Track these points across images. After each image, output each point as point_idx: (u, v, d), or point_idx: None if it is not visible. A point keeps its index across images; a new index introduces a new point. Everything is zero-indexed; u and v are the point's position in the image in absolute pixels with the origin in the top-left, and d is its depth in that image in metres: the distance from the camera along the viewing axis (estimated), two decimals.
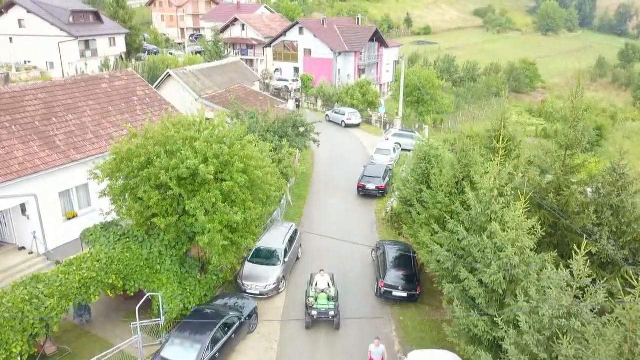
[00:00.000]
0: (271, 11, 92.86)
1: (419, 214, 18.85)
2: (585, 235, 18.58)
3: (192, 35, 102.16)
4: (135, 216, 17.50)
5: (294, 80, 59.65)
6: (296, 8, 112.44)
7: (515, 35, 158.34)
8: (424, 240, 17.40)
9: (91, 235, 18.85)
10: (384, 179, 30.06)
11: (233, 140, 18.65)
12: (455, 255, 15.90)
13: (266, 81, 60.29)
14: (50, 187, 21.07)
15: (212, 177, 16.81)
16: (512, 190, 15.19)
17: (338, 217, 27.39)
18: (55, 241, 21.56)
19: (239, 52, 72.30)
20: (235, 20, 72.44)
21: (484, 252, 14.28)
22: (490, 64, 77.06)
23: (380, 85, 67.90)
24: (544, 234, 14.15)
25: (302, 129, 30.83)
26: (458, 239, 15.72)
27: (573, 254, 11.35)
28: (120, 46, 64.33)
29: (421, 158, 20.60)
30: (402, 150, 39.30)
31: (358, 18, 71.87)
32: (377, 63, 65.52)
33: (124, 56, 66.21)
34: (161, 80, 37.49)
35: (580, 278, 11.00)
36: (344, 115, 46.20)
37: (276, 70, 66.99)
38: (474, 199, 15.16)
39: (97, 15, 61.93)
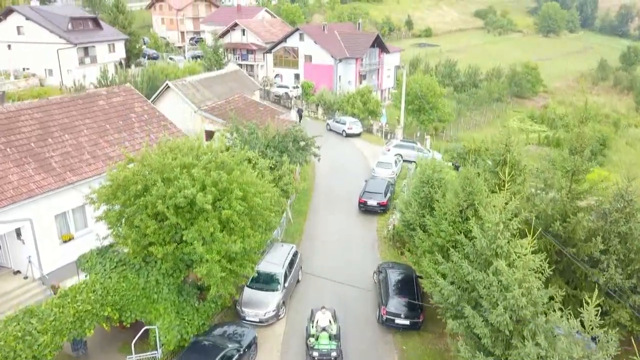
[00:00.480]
0: (272, 15, 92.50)
1: (422, 240, 18.43)
2: (591, 264, 18.28)
3: (192, 39, 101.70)
4: (131, 245, 17.11)
5: (294, 87, 59.24)
6: (297, 10, 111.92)
7: (516, 36, 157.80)
8: (427, 271, 16.98)
9: (87, 262, 18.46)
10: (385, 194, 29.64)
11: (232, 166, 18.26)
12: (459, 288, 15.50)
13: (266, 88, 59.91)
14: (45, 210, 20.67)
15: (209, 206, 16.41)
16: (518, 223, 14.74)
17: (339, 235, 26.99)
18: (52, 265, 21.18)
19: (239, 57, 71.92)
20: (235, 25, 72.05)
21: (489, 289, 13.88)
22: (491, 68, 76.57)
23: (381, 90, 67.50)
24: (551, 272, 13.70)
25: (302, 143, 30.41)
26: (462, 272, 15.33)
27: (584, 303, 10.93)
28: (120, 52, 63.95)
29: (424, 181, 20.17)
30: (404, 161, 38.93)
31: (359, 23, 71.41)
32: (378, 69, 65.09)
33: (123, 62, 65.90)
34: (160, 92, 37.09)
35: (592, 329, 10.60)
36: (344, 124, 45.78)
37: (276, 75, 66.58)
38: (479, 232, 14.74)
39: (96, 22, 61.54)
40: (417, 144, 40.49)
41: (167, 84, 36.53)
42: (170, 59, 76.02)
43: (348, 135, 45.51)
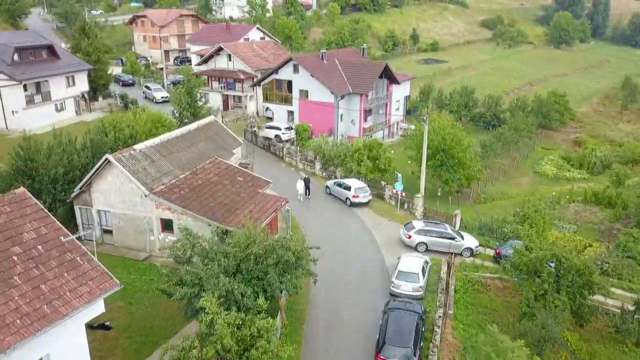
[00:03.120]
0: (264, 33, 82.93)
1: None
2: None
3: (176, 58, 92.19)
4: None
5: (287, 128, 49.41)
6: (293, 25, 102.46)
7: (527, 48, 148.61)
8: None
9: None
10: (415, 346, 19.73)
11: None
12: None
13: (253, 129, 50.13)
14: None
15: None
16: None
17: None
18: None
19: (224, 87, 62.32)
20: (220, 49, 62.33)
21: None
22: (515, 98, 66.90)
23: (389, 125, 57.77)
24: None
25: (292, 259, 20.51)
26: None
27: None
28: (82, 85, 54.27)
29: None
30: (430, 249, 29.25)
31: (363, 48, 61.54)
32: (386, 103, 55.32)
33: (87, 96, 56.23)
34: (99, 167, 27.19)
35: None
36: (349, 190, 35.89)
37: (267, 109, 56.96)
38: None
39: (51, 50, 51.81)
40: (448, 227, 30.59)
41: (107, 159, 26.63)
42: (146, 87, 66.31)
43: (353, 204, 35.68)
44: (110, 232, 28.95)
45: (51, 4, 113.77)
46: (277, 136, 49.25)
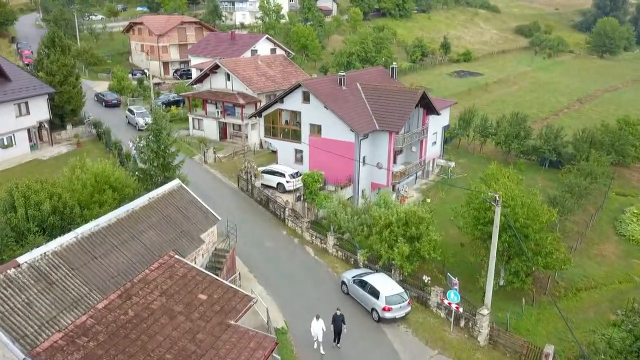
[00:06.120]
0: (274, 43, 71.47)
1: None
2: None
3: (176, 71, 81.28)
4: None
5: (292, 176, 37.62)
6: (309, 33, 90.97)
7: (567, 58, 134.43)
8: None
9: None
10: None
11: None
12: None
13: (248, 175, 38.43)
14: None
15: None
16: None
17: None
18: None
19: (221, 112, 50.97)
20: (217, 67, 50.97)
21: None
22: (580, 129, 54.07)
23: (423, 165, 45.56)
24: None
25: None
26: None
27: None
28: (39, 113, 43.33)
29: None
30: None
31: (393, 68, 49.28)
32: (422, 140, 43.16)
33: (47, 125, 45.35)
34: None
35: None
36: (376, 297, 23.82)
37: (270, 143, 45.45)
38: None
39: None
40: None
41: None
42: (129, 110, 55.28)
43: (382, 319, 23.66)
44: None
45: (47, 9, 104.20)
46: (279, 184, 37.58)
